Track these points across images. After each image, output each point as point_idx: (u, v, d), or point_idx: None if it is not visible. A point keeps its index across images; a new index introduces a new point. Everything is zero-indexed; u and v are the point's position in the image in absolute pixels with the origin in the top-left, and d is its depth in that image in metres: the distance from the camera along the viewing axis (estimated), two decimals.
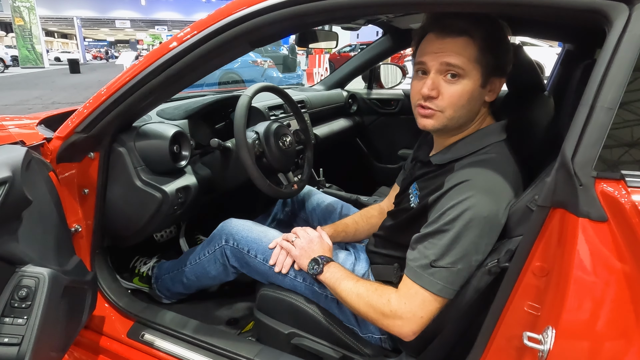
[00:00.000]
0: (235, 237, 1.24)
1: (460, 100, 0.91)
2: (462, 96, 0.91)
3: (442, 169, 0.98)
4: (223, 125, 1.66)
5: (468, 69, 0.89)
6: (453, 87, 0.91)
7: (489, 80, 0.93)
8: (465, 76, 0.90)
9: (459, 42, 0.89)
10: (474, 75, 0.90)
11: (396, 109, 2.45)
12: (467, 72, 0.90)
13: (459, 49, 0.89)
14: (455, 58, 0.89)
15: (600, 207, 0.62)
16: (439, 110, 0.93)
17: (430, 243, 0.89)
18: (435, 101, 0.92)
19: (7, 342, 0.86)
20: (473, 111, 0.95)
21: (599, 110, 0.63)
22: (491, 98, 0.96)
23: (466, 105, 0.92)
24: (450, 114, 0.93)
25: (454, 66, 0.89)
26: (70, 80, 15.11)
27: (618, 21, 0.64)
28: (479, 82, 0.91)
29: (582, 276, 0.64)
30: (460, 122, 0.96)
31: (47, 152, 1.15)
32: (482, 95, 0.94)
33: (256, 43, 1.04)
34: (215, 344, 1.15)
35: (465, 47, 0.89)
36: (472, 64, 0.89)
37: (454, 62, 0.89)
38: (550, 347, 0.65)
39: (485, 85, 0.93)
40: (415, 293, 0.90)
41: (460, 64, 0.89)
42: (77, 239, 1.23)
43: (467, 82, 0.90)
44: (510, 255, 0.79)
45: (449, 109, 0.92)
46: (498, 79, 0.95)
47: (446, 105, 0.92)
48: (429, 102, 0.93)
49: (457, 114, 0.93)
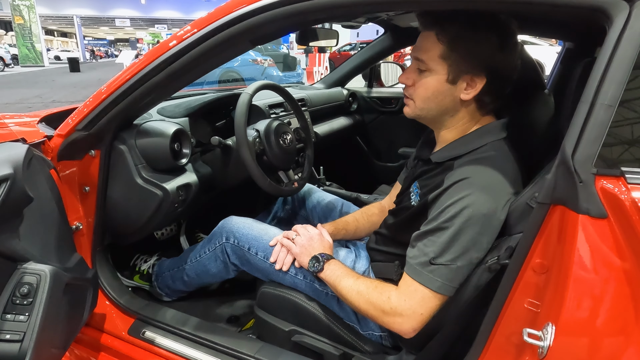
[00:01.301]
0: (236, 234, 1.24)
1: (425, 93, 0.96)
2: (427, 89, 0.95)
3: (442, 167, 0.98)
4: (224, 123, 1.66)
5: (432, 64, 0.93)
6: (421, 79, 0.96)
7: (459, 77, 0.92)
8: (430, 70, 0.94)
9: (429, 37, 0.92)
10: (440, 70, 0.93)
11: (396, 108, 2.45)
12: (432, 67, 0.93)
13: (427, 44, 0.93)
14: (422, 53, 0.94)
15: (600, 203, 0.62)
16: (410, 98, 1.00)
17: (430, 240, 0.90)
18: (409, 89, 1.00)
19: (9, 338, 0.86)
20: (443, 105, 0.96)
21: (599, 108, 0.63)
22: (467, 96, 0.94)
23: (432, 98, 0.96)
24: (419, 104, 0.98)
25: (419, 61, 0.94)
26: (70, 79, 15.10)
27: (618, 19, 0.64)
28: (444, 78, 0.93)
29: (582, 273, 0.64)
30: (433, 114, 0.99)
31: (48, 150, 1.16)
32: (452, 92, 0.94)
33: (257, 41, 1.04)
34: (216, 342, 1.15)
35: (433, 43, 0.92)
36: (437, 59, 0.92)
37: (420, 57, 0.94)
38: (550, 344, 0.65)
39: (455, 82, 0.93)
40: (415, 290, 0.90)
41: (425, 59, 0.93)
42: (78, 236, 1.23)
43: (433, 76, 0.94)
44: (511, 252, 0.79)
45: (417, 99, 0.98)
46: (477, 78, 0.92)
47: (415, 95, 0.98)
48: (405, 90, 1.01)
49: (425, 105, 0.97)
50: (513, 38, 0.94)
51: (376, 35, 2.30)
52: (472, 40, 0.90)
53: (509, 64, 0.94)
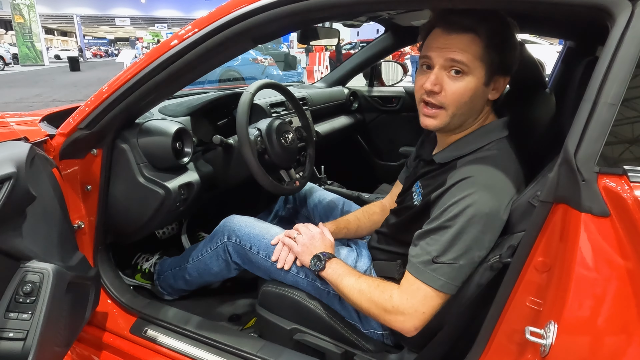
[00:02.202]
0: (238, 233, 1.24)
1: (463, 97, 0.91)
2: (465, 93, 0.91)
3: (445, 167, 0.98)
4: (225, 122, 1.67)
5: (472, 66, 0.89)
6: (456, 83, 0.90)
7: (492, 79, 0.93)
8: (469, 73, 0.90)
9: (465, 38, 0.89)
10: (478, 72, 0.90)
11: (397, 107, 2.45)
12: (471, 69, 0.89)
13: (464, 45, 0.89)
14: (460, 54, 0.88)
15: (603, 202, 0.62)
16: (441, 106, 0.93)
17: (432, 239, 0.90)
18: (437, 97, 0.92)
19: (12, 337, 0.87)
20: (475, 109, 0.95)
21: (602, 106, 0.63)
22: (494, 96, 0.96)
23: (469, 102, 0.92)
24: (452, 111, 0.92)
25: (458, 62, 0.89)
26: (70, 78, 15.09)
27: (621, 17, 0.64)
28: (482, 80, 0.91)
29: (584, 271, 0.64)
30: (463, 119, 0.96)
31: (50, 149, 1.16)
32: (485, 94, 0.94)
33: (259, 40, 1.04)
34: (218, 340, 1.15)
35: (470, 44, 0.89)
36: (476, 61, 0.89)
37: (459, 59, 0.89)
38: (553, 342, 0.65)
39: (488, 84, 0.93)
40: (417, 289, 0.90)
41: (465, 61, 0.89)
42: (80, 235, 1.23)
43: (471, 79, 0.90)
44: (513, 250, 0.79)
45: (452, 105, 0.92)
46: (502, 78, 0.95)
47: (449, 101, 0.92)
48: (431, 97, 0.93)
49: (460, 111, 0.93)
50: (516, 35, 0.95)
51: (376, 35, 2.30)
52: (504, 39, 0.91)
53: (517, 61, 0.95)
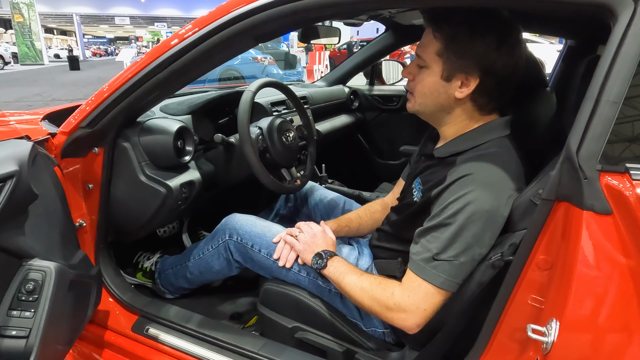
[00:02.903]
0: (239, 231, 1.24)
1: (422, 88, 0.98)
2: (424, 85, 0.98)
3: (444, 163, 0.99)
4: (226, 121, 1.67)
5: (429, 61, 0.95)
6: (420, 75, 0.99)
7: (454, 76, 0.93)
8: (427, 67, 0.96)
9: (429, 34, 0.95)
10: (435, 67, 0.95)
11: (398, 106, 2.46)
12: (429, 64, 0.96)
13: (426, 41, 0.96)
14: (421, 50, 0.97)
15: (605, 200, 0.62)
16: (411, 92, 1.03)
17: (433, 237, 0.90)
18: (410, 84, 1.03)
19: (15, 334, 0.87)
20: (440, 103, 0.98)
21: (604, 104, 0.63)
22: (461, 95, 0.94)
23: (428, 94, 0.98)
24: (417, 99, 1.01)
25: (418, 57, 0.98)
26: (70, 77, 15.09)
27: (623, 16, 0.64)
28: (439, 75, 0.95)
29: (586, 269, 0.64)
30: (429, 110, 1.01)
31: (51, 147, 1.16)
32: (447, 89, 0.95)
33: (260, 38, 1.04)
34: (220, 338, 1.15)
35: (431, 40, 0.94)
36: (434, 57, 0.94)
37: (420, 54, 0.97)
38: (554, 339, 0.65)
39: (449, 80, 0.94)
40: (419, 286, 0.91)
41: (423, 56, 0.96)
42: (81, 233, 1.24)
43: (429, 73, 0.96)
44: (514, 248, 0.79)
45: (417, 94, 1.01)
46: (471, 77, 0.92)
47: (414, 90, 1.01)
48: (407, 84, 1.04)
49: (422, 100, 1.00)
50: (513, 37, 0.92)
51: (376, 34, 2.29)
52: (467, 39, 0.91)
53: (506, 63, 0.92)
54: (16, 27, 22.43)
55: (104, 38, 68.30)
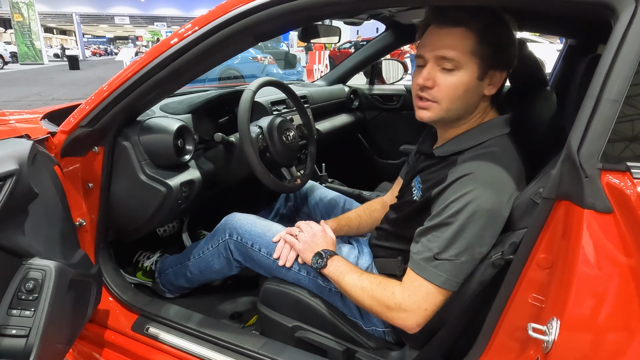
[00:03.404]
0: (239, 231, 1.24)
1: (456, 92, 0.92)
2: (458, 87, 0.91)
3: (445, 162, 0.98)
4: (226, 120, 1.66)
5: (463, 61, 0.90)
6: (449, 78, 0.91)
7: (487, 73, 0.93)
8: (460, 68, 0.90)
9: (456, 33, 0.90)
10: (470, 67, 0.90)
11: (398, 105, 2.46)
12: (462, 64, 0.90)
13: (454, 40, 0.89)
14: (449, 51, 0.89)
15: (606, 198, 0.62)
16: (434, 101, 0.94)
17: (434, 236, 0.90)
18: (431, 91, 0.93)
19: (14, 334, 0.87)
20: (470, 104, 0.95)
21: (605, 103, 0.63)
22: (491, 91, 0.95)
23: (462, 96, 0.92)
24: (446, 105, 0.93)
25: (448, 60, 0.90)
26: (70, 77, 15.07)
27: (624, 14, 0.64)
28: (475, 74, 0.91)
29: (587, 268, 0.64)
30: (458, 114, 0.96)
31: (51, 146, 1.16)
32: (479, 88, 0.94)
33: (261, 37, 1.04)
34: (221, 338, 1.15)
35: (462, 39, 0.89)
36: (467, 55, 0.90)
37: (449, 56, 0.90)
38: (555, 338, 0.65)
39: (483, 78, 0.93)
40: (419, 286, 0.90)
41: (454, 57, 0.89)
42: (81, 233, 1.23)
43: (463, 73, 0.91)
44: (515, 247, 0.79)
45: (445, 100, 0.93)
46: (499, 73, 0.94)
47: (442, 96, 0.92)
48: (425, 92, 0.94)
49: (453, 105, 0.93)
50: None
51: (376, 33, 2.29)
52: (497, 34, 0.91)
53: (515, 57, 0.95)
54: (16, 26, 22.40)
55: (104, 37, 68.27)
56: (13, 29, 22.99)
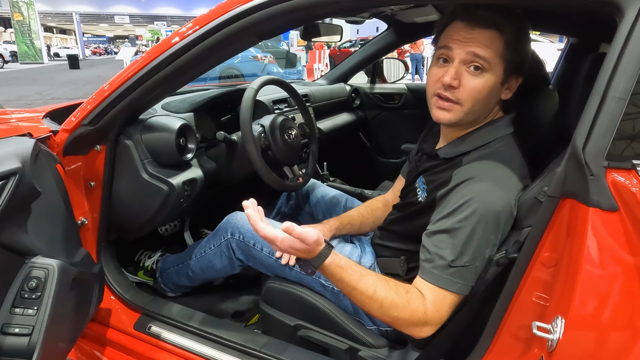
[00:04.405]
0: (241, 230, 1.24)
1: (481, 94, 0.89)
2: (483, 90, 0.89)
3: (450, 163, 0.98)
4: (228, 119, 1.66)
5: (493, 63, 0.88)
6: (475, 79, 0.89)
7: (508, 78, 0.92)
8: (489, 70, 0.88)
9: (488, 34, 0.87)
10: (497, 70, 0.89)
11: (399, 104, 2.45)
12: (492, 66, 0.88)
13: (487, 41, 0.87)
14: (483, 50, 0.87)
15: (611, 196, 0.62)
16: (457, 102, 0.91)
17: (444, 242, 0.88)
18: (455, 92, 0.90)
19: (18, 332, 0.87)
20: (488, 107, 0.95)
21: (610, 101, 0.63)
22: (507, 96, 0.95)
23: (484, 100, 0.91)
24: (468, 107, 0.91)
25: (480, 58, 0.87)
26: (70, 76, 15.07)
27: (630, 12, 0.64)
28: (500, 78, 0.90)
29: (591, 266, 0.64)
30: (475, 116, 0.94)
31: (53, 145, 1.16)
32: (500, 92, 0.93)
33: (263, 36, 1.04)
34: (222, 336, 1.15)
35: (493, 41, 0.87)
36: (497, 58, 0.88)
37: (482, 54, 0.87)
38: (560, 337, 0.65)
39: (504, 83, 0.92)
40: (444, 297, 0.88)
41: (487, 57, 0.87)
42: (83, 231, 1.23)
43: (490, 76, 0.89)
44: (519, 246, 0.79)
45: (468, 102, 0.90)
46: (515, 78, 0.94)
47: (466, 97, 0.90)
48: (448, 91, 0.90)
49: (475, 108, 0.91)
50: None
51: (376, 32, 2.29)
52: (524, 39, 0.90)
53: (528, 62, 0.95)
54: (16, 25, 22.40)
55: (104, 37, 68.23)
56: (13, 28, 22.98)
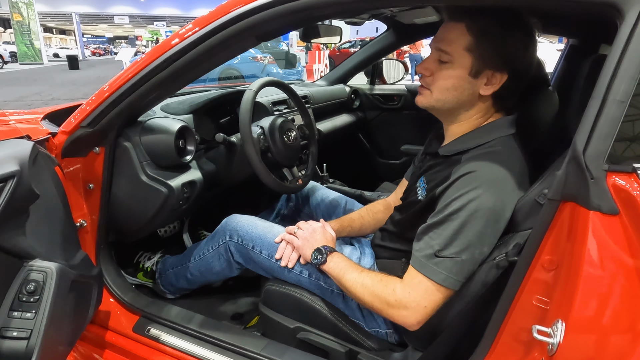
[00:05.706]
0: (240, 233, 1.24)
1: (445, 84, 0.95)
2: (447, 80, 0.94)
3: (449, 161, 0.98)
4: (227, 120, 1.66)
5: (456, 55, 0.92)
6: (442, 70, 0.95)
7: (482, 72, 0.92)
8: (453, 62, 0.93)
9: (456, 28, 0.92)
10: (463, 63, 0.92)
11: (399, 105, 2.45)
12: (455, 59, 0.92)
13: (453, 35, 0.92)
14: (446, 44, 0.93)
15: (612, 200, 0.62)
16: (427, 88, 0.98)
17: (435, 233, 0.90)
18: (426, 79, 0.98)
19: (16, 336, 0.86)
20: (462, 99, 0.96)
21: (611, 103, 0.63)
22: (487, 92, 0.94)
23: (451, 90, 0.95)
24: (436, 95, 0.97)
25: (442, 52, 0.94)
26: (70, 77, 15.07)
27: (630, 14, 0.64)
28: (467, 71, 0.92)
29: (592, 269, 0.64)
30: (449, 106, 0.98)
31: (52, 147, 1.15)
32: (473, 86, 0.94)
33: (262, 37, 1.04)
34: (221, 339, 1.15)
35: (460, 35, 0.91)
36: (462, 51, 0.91)
37: (443, 48, 0.93)
38: (560, 340, 0.65)
39: (477, 76, 0.93)
40: (419, 282, 0.90)
41: (449, 51, 0.92)
42: (82, 234, 1.23)
43: (455, 68, 0.93)
44: (519, 249, 0.79)
45: (435, 90, 0.97)
46: (499, 74, 0.93)
47: (433, 85, 0.97)
48: (422, 79, 1.00)
49: (442, 96, 0.96)
50: (535, 38, 0.94)
51: (376, 33, 2.29)
52: (501, 36, 0.90)
53: (530, 63, 0.95)
54: (15, 26, 22.40)
55: (103, 37, 68.24)
56: (12, 28, 22.97)
